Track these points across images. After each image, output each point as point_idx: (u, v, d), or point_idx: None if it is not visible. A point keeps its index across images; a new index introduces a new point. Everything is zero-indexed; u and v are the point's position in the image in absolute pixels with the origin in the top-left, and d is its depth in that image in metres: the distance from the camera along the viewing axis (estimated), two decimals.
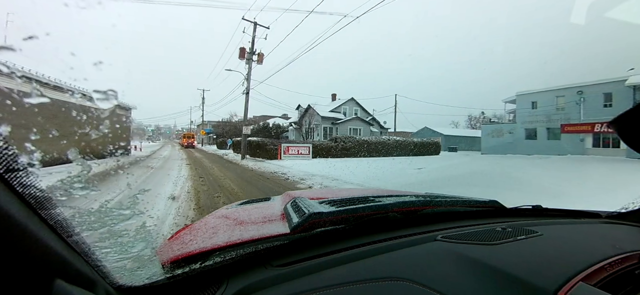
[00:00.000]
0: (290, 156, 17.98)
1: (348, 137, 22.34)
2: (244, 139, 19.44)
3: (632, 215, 1.10)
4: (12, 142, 0.43)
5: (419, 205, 1.05)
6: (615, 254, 0.72)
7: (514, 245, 0.78)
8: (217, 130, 46.33)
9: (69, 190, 0.87)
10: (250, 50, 18.58)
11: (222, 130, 43.65)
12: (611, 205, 1.27)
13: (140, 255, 0.89)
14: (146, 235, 1.08)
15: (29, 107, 0.70)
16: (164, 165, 14.06)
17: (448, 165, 14.05)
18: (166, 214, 4.47)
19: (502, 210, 1.16)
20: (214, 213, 1.33)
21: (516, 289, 0.59)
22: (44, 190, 0.47)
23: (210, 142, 47.24)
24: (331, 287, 0.61)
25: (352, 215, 0.88)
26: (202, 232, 0.97)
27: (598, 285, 0.61)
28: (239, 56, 18.62)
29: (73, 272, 0.49)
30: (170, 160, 16.89)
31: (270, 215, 1.07)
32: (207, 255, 0.72)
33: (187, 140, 39.43)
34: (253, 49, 18.62)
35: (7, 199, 0.40)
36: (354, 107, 32.75)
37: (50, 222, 0.47)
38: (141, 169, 11.50)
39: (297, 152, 18.34)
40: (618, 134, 0.80)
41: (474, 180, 8.60)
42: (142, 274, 0.70)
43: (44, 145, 0.78)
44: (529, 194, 6.10)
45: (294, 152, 18.23)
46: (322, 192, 2.92)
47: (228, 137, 35.89)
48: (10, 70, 0.59)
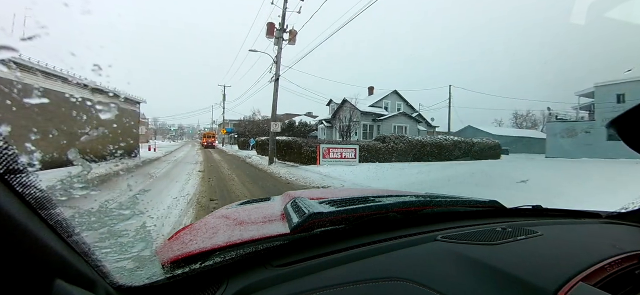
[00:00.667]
0: (331, 161, 13.89)
1: (399, 136, 17.91)
2: (272, 138, 15.36)
3: (632, 215, 1.09)
4: (11, 142, 0.43)
5: (419, 205, 1.05)
6: (615, 254, 0.71)
7: (514, 246, 0.78)
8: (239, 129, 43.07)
9: (68, 190, 0.86)
10: (280, 26, 14.68)
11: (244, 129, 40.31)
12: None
13: (140, 255, 0.87)
14: (146, 235, 1.05)
15: (28, 106, 0.71)
16: (169, 173, 11.14)
17: (564, 176, 9.32)
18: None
19: (502, 210, 1.16)
20: (214, 213, 1.33)
21: (516, 289, 0.58)
22: (44, 191, 0.47)
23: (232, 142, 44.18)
24: (331, 287, 0.61)
25: (352, 215, 0.88)
26: (202, 232, 0.97)
27: (598, 285, 0.61)
28: (266, 34, 14.81)
29: (73, 272, 0.49)
30: (181, 165, 13.44)
31: (270, 215, 1.06)
32: (207, 255, 0.72)
33: (207, 139, 37.84)
34: (284, 25, 14.71)
35: (7, 199, 0.40)
36: (397, 101, 27.87)
37: (50, 222, 0.47)
38: (136, 177, 8.82)
39: (340, 155, 14.19)
40: (618, 134, 0.80)
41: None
42: (142, 274, 0.70)
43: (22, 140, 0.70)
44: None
45: (335, 156, 14.10)
46: (322, 192, 2.87)
47: (250, 136, 32.50)
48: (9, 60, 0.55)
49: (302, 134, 29.15)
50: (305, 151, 14.60)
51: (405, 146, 17.31)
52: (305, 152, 14.58)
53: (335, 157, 14.09)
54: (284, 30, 14.79)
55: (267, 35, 14.82)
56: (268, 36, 14.83)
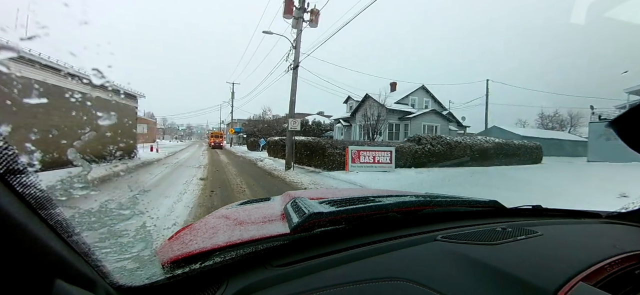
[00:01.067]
0: (362, 166, 11.32)
1: (436, 137, 15.21)
2: (289, 138, 12.70)
3: (632, 215, 1.09)
4: (11, 142, 0.43)
5: (418, 205, 1.04)
6: (615, 254, 0.71)
7: (514, 245, 0.78)
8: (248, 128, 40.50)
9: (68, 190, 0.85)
10: (300, 4, 12.20)
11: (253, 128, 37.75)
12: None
13: (140, 255, 0.86)
14: (146, 236, 1.05)
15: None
16: (163, 181, 8.82)
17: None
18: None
19: (502, 210, 1.16)
20: (214, 213, 1.31)
21: (516, 289, 0.58)
22: (44, 191, 0.47)
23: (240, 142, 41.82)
24: (331, 287, 0.60)
25: (352, 215, 0.87)
26: (202, 232, 0.96)
27: (598, 285, 0.61)
28: (283, 13, 12.37)
29: (73, 272, 0.49)
30: (181, 169, 11.22)
31: (270, 215, 1.05)
32: (207, 255, 0.71)
33: (214, 139, 36.19)
34: (304, 3, 12.23)
35: (7, 199, 0.39)
36: (425, 97, 24.83)
37: (50, 222, 0.47)
38: (115, 191, 5.77)
39: (373, 159, 11.57)
40: (618, 134, 0.80)
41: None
42: (142, 274, 0.69)
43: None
44: None
45: (367, 160, 11.48)
46: (322, 192, 2.84)
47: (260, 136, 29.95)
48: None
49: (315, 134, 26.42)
50: (330, 154, 12.03)
51: (443, 148, 14.62)
52: (330, 155, 12.02)
53: (367, 161, 11.48)
54: (304, 9, 12.31)
55: (285, 14, 12.35)
56: (285, 16, 12.37)
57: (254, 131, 34.76)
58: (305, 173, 11.42)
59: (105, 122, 0.92)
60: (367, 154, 11.56)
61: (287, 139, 12.85)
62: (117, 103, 0.71)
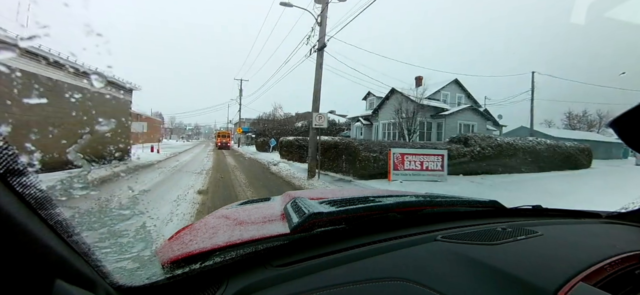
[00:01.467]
0: (406, 173, 8.86)
1: (485, 138, 12.64)
2: (313, 138, 10.12)
3: (632, 215, 1.09)
4: (11, 142, 0.42)
5: (419, 205, 1.04)
6: (615, 254, 0.71)
7: (514, 246, 0.78)
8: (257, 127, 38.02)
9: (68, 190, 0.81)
10: None
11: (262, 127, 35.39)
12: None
13: (140, 255, 0.86)
14: (146, 236, 1.03)
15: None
16: (150, 193, 6.55)
17: None
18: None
19: (502, 210, 1.15)
20: (214, 213, 1.31)
21: (516, 289, 0.58)
22: (44, 191, 0.47)
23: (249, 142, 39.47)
24: (331, 287, 0.60)
25: (352, 215, 0.87)
26: (202, 232, 0.96)
27: (598, 286, 0.61)
28: None
29: (73, 272, 0.49)
30: (179, 175, 9.43)
31: (270, 216, 1.05)
32: (207, 255, 0.71)
33: (221, 140, 33.89)
34: None
35: (7, 199, 0.39)
36: (457, 93, 21.53)
37: (50, 222, 0.47)
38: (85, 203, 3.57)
39: (421, 165, 9.10)
40: (618, 134, 0.80)
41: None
42: (142, 274, 0.69)
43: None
44: None
45: (413, 167, 9.01)
46: (322, 192, 2.76)
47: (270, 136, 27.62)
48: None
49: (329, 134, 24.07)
50: (364, 158, 9.56)
51: (493, 151, 12.09)
52: (364, 159, 9.56)
53: (412, 168, 9.02)
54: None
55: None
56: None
57: (264, 130, 32.41)
58: (334, 183, 9.03)
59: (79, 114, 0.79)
60: (412, 158, 9.10)
61: (311, 139, 10.26)
62: (100, 94, 0.63)
